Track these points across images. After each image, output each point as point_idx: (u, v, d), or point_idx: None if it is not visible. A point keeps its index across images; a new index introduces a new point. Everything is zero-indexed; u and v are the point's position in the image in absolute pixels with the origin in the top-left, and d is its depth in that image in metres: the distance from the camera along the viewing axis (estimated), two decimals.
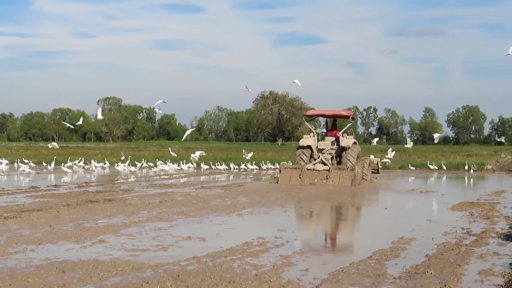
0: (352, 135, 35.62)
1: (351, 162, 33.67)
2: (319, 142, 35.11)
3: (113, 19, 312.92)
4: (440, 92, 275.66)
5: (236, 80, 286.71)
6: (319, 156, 34.17)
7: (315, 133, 35.51)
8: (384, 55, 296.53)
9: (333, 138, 35.39)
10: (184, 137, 48.20)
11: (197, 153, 51.19)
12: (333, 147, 34.81)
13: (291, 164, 36.36)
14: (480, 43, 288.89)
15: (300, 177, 32.96)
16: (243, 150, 53.67)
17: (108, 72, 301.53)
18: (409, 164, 53.10)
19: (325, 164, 33.59)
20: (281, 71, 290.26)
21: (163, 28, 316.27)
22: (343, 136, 34.80)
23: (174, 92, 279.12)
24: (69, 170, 44.40)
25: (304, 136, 35.72)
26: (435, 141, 53.45)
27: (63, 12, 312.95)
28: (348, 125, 36.89)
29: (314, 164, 33.68)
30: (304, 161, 34.20)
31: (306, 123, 38.28)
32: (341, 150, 34.47)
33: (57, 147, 56.53)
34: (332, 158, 34.28)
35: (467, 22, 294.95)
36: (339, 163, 34.45)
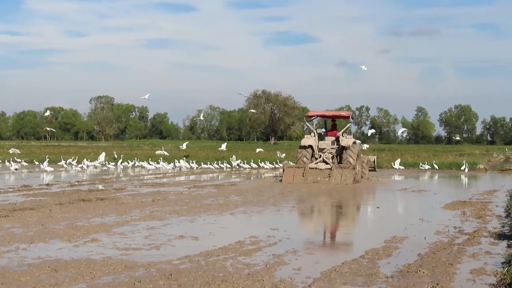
0: (351, 134, 36.78)
1: (351, 161, 34.69)
2: (319, 142, 35.96)
3: (105, 18, 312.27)
4: (433, 92, 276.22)
5: (229, 79, 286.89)
6: (320, 156, 35.11)
7: (315, 133, 36.38)
8: (377, 55, 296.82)
9: (333, 138, 36.33)
10: (184, 146, 49.20)
11: (184, 145, 51.98)
12: (333, 146, 35.79)
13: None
14: (473, 42, 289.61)
15: (303, 176, 33.88)
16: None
17: (101, 71, 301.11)
18: (393, 163, 52.52)
19: (326, 163, 34.60)
20: (274, 70, 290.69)
21: (156, 27, 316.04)
22: (343, 136, 35.80)
23: (166, 91, 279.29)
24: (51, 169, 44.04)
25: (305, 136, 36.72)
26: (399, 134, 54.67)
27: (55, 11, 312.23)
28: (348, 125, 37.79)
29: (316, 163, 34.66)
30: (305, 160, 35.12)
31: (306, 123, 39.27)
32: (341, 150, 35.38)
33: (18, 152, 56.39)
34: (332, 157, 35.28)
35: (460, 22, 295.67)
36: (339, 162, 35.31)
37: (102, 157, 50.73)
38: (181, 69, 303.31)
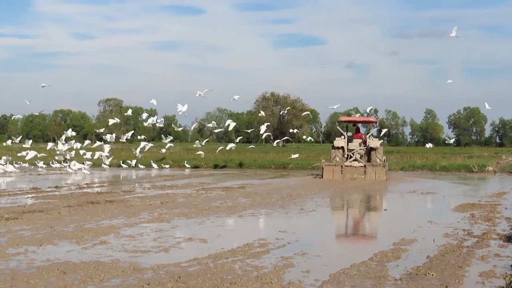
0: (376, 137, 42.83)
1: (380, 160, 39.43)
2: (349, 143, 40.53)
3: (112, 20, 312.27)
4: (441, 94, 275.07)
5: (237, 81, 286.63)
6: (348, 155, 39.82)
7: (345, 136, 41.10)
8: (385, 56, 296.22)
9: (360, 140, 40.81)
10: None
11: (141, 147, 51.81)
12: (361, 147, 40.35)
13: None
14: (481, 44, 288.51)
15: (341, 173, 38.58)
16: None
17: (108, 73, 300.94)
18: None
19: (359, 162, 39.30)
20: (282, 72, 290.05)
21: (163, 29, 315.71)
22: (369, 138, 40.73)
23: (174, 93, 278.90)
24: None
25: (336, 138, 41.45)
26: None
27: (62, 13, 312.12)
28: (374, 129, 44.01)
29: (350, 162, 39.40)
30: (338, 159, 39.72)
31: (338, 127, 43.89)
32: (369, 150, 40.06)
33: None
34: (361, 157, 39.86)
35: (467, 24, 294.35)
36: (367, 161, 39.84)
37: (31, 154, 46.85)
38: (189, 71, 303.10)
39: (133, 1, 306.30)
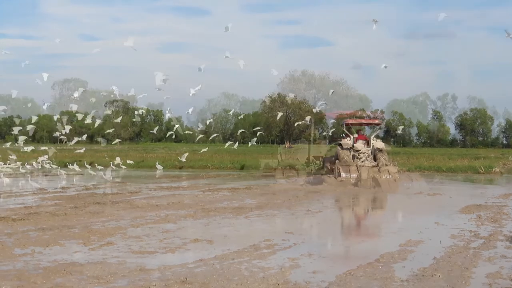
0: (380, 138, 43.52)
1: (386, 160, 40.22)
2: (354, 144, 41.48)
3: (119, 22, 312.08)
4: (447, 95, 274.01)
5: (243, 82, 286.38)
6: (354, 156, 40.70)
7: (352, 137, 41.91)
8: (392, 58, 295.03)
9: (364, 141, 41.74)
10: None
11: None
12: (367, 148, 41.28)
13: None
14: (488, 45, 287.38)
15: (358, 172, 39.02)
16: None
17: (115, 74, 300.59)
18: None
19: (370, 162, 40.33)
20: (289, 73, 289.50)
21: (170, 30, 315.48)
22: (373, 140, 41.59)
23: (180, 94, 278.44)
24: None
25: (344, 140, 42.26)
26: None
27: (68, 15, 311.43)
28: (379, 130, 45.31)
29: (363, 161, 40.23)
30: (348, 160, 40.36)
31: (344, 129, 44.28)
32: (375, 151, 40.91)
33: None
34: (368, 157, 40.75)
35: (474, 25, 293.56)
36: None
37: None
38: (195, 72, 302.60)
39: (140, 2, 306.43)
